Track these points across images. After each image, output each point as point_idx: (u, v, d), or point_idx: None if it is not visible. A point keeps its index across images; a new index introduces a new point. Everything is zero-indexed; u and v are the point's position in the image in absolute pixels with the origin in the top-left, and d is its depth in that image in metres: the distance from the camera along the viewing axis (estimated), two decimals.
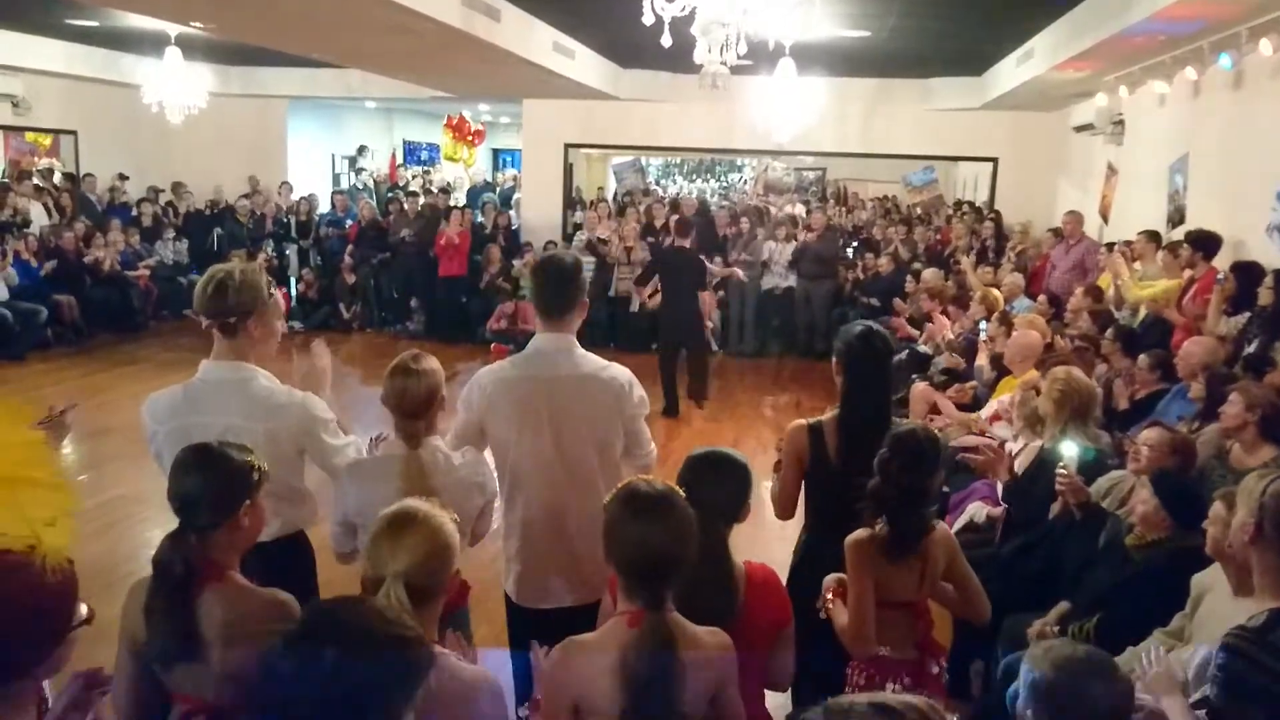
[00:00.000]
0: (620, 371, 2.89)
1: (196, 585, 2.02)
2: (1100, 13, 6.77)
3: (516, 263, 11.97)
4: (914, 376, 7.26)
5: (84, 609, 1.62)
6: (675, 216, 10.28)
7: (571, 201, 13.97)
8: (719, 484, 2.34)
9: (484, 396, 2.85)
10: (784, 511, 3.03)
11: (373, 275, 12.44)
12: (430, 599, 1.95)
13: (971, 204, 13.23)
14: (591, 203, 14.07)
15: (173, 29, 9.14)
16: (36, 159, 14.62)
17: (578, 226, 12.88)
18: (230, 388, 2.66)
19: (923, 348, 7.90)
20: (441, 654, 1.93)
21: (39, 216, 12.10)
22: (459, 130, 18.60)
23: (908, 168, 14.87)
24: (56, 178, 14.03)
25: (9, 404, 1.72)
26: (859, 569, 2.54)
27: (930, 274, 9.40)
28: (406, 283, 12.23)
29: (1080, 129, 10.59)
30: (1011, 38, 8.84)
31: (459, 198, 16.15)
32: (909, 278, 10.11)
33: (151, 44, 10.11)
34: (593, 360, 2.88)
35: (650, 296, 9.30)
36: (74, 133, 13.87)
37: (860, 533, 2.58)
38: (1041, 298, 7.61)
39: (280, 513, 2.68)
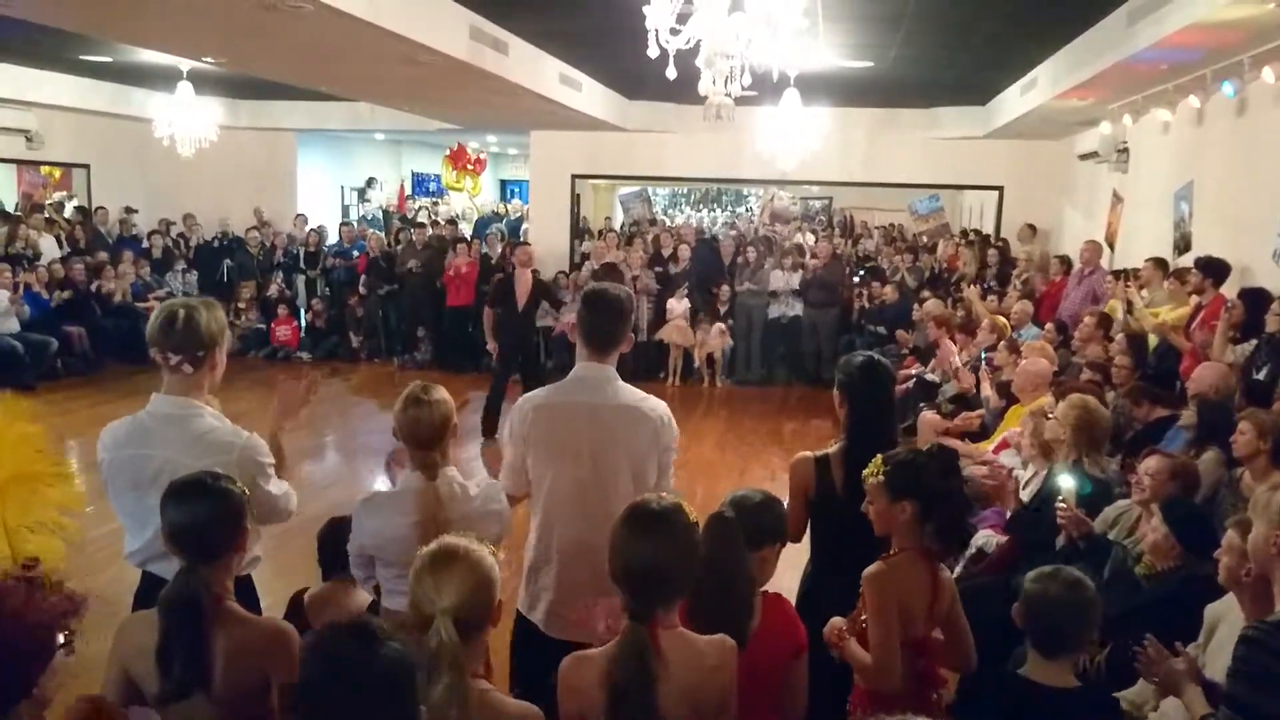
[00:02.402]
0: (658, 404, 2.90)
1: (206, 619, 2.02)
2: (1102, 42, 6.82)
3: None
4: (921, 405, 7.25)
5: (61, 637, 1.63)
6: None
7: (579, 231, 14.03)
8: (753, 522, 2.36)
9: (524, 423, 2.85)
10: (792, 537, 3.02)
11: (380, 305, 12.49)
12: (477, 633, 1.96)
13: (978, 232, 13.25)
14: (599, 232, 14.13)
15: (184, 64, 9.24)
16: (49, 192, 14.76)
17: (585, 256, 12.92)
18: (174, 423, 2.61)
19: (930, 376, 7.89)
20: (487, 690, 1.95)
21: (50, 249, 12.20)
22: (457, 159, 18.70)
23: (913, 196, 14.92)
24: (68, 211, 14.16)
25: (11, 400, 1.75)
26: (882, 601, 2.49)
27: (933, 303, 9.40)
28: (414, 313, 12.27)
29: (1085, 157, 10.62)
30: (1015, 67, 8.90)
31: (466, 229, 16.23)
32: (916, 305, 10.11)
33: (163, 78, 10.24)
34: (632, 391, 2.89)
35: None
36: (86, 166, 14.02)
37: (877, 566, 2.54)
38: (1049, 325, 7.59)
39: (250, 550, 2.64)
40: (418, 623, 1.91)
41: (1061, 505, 3.49)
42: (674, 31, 3.67)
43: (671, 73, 3.73)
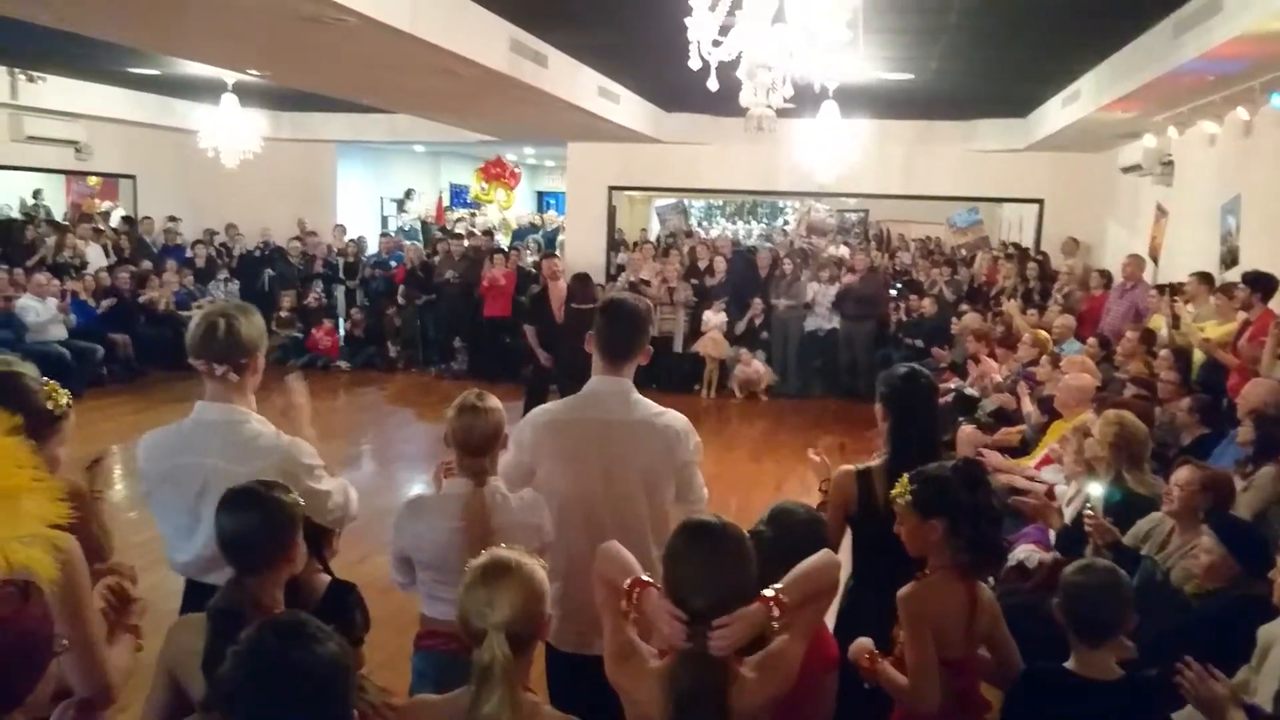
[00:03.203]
0: (675, 418, 2.86)
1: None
2: (1148, 53, 6.73)
3: None
4: (960, 419, 7.17)
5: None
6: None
7: (614, 243, 14.07)
8: (793, 537, 2.33)
9: (536, 436, 2.84)
10: None
11: (418, 315, 12.60)
12: (528, 646, 1.96)
13: (1017, 245, 13.12)
14: (635, 244, 14.16)
15: (229, 76, 9.41)
16: (97, 202, 15.07)
17: (621, 268, 12.95)
18: (219, 430, 2.60)
19: (970, 390, 7.80)
20: (536, 702, 1.95)
21: (97, 258, 12.44)
22: (491, 171, 18.73)
23: (950, 209, 14.81)
24: (114, 220, 14.44)
25: None
26: (918, 622, 2.45)
27: (971, 317, 9.31)
28: (451, 323, 12.35)
29: (1128, 170, 10.49)
30: (1057, 79, 8.81)
31: (503, 240, 16.34)
32: (954, 319, 10.02)
33: (208, 90, 10.41)
34: (648, 405, 2.85)
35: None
36: (132, 177, 14.30)
37: (911, 587, 2.50)
38: (1091, 340, 7.49)
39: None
40: (468, 637, 1.91)
41: (1089, 513, 3.44)
42: (716, 43, 3.68)
43: (713, 84, 3.72)
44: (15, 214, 14.60)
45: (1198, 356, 6.21)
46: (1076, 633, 2.45)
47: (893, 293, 12.21)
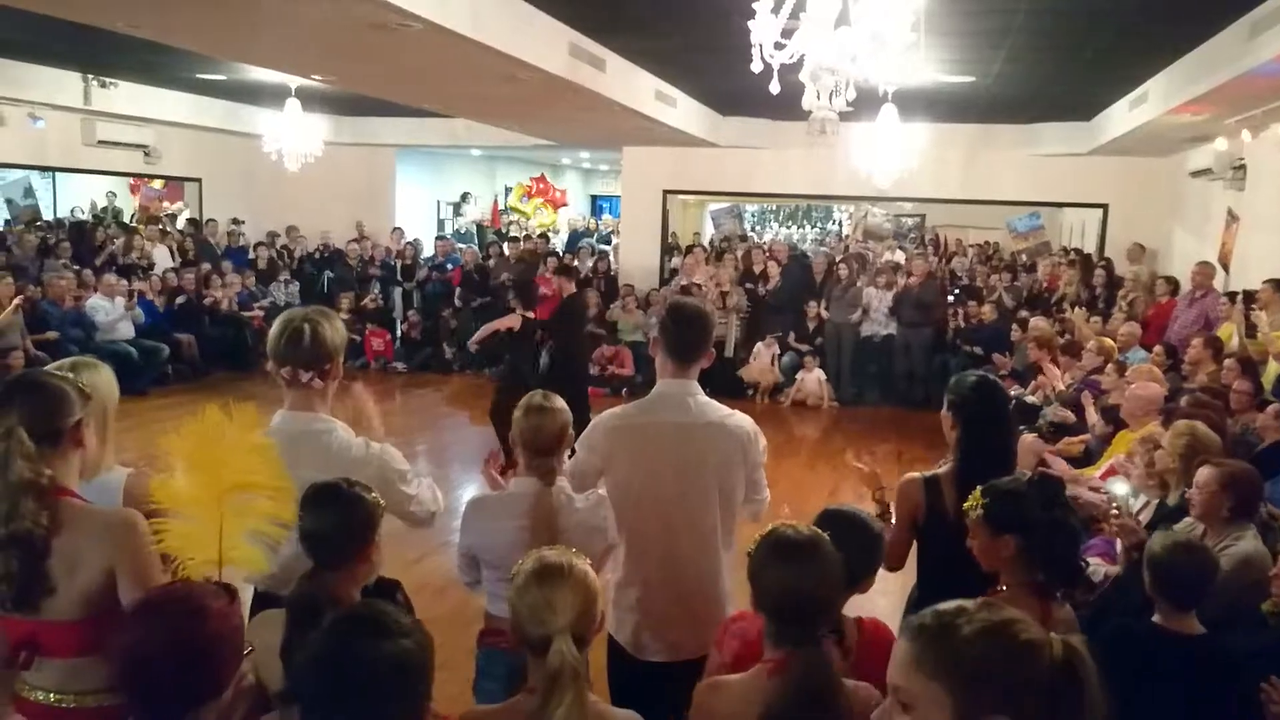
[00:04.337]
0: (744, 420, 2.87)
1: None
2: (1221, 55, 6.56)
3: (614, 307, 12.09)
4: (1021, 428, 7.04)
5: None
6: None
7: (668, 247, 14.08)
8: (845, 544, 2.30)
9: (608, 439, 2.83)
10: (895, 564, 2.94)
11: (474, 318, 12.70)
12: (586, 647, 1.96)
13: (1079, 251, 12.86)
14: (688, 248, 14.15)
15: (293, 81, 9.58)
16: (165, 204, 15.46)
17: (674, 272, 12.95)
18: (308, 440, 2.57)
19: (1030, 398, 7.66)
20: (594, 700, 1.94)
21: (163, 259, 12.76)
22: (541, 188, 18.80)
23: (1008, 213, 14.57)
24: (180, 222, 14.81)
25: (244, 409, 1.86)
26: None
27: (1039, 323, 9.14)
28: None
29: (1197, 174, 10.22)
30: (1124, 81, 8.63)
31: (558, 243, 16.44)
32: (1014, 326, 9.85)
33: (272, 96, 10.62)
34: (717, 407, 2.85)
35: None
36: (198, 180, 14.65)
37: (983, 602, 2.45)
38: (1158, 348, 7.31)
39: None
40: (522, 642, 1.91)
41: (1114, 512, 3.36)
42: (778, 46, 3.66)
43: (775, 87, 3.69)
44: (86, 216, 15.06)
45: (1273, 367, 6.02)
46: (1168, 598, 2.67)
47: (950, 299, 12.04)
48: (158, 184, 15.90)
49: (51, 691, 2.05)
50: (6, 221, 13.92)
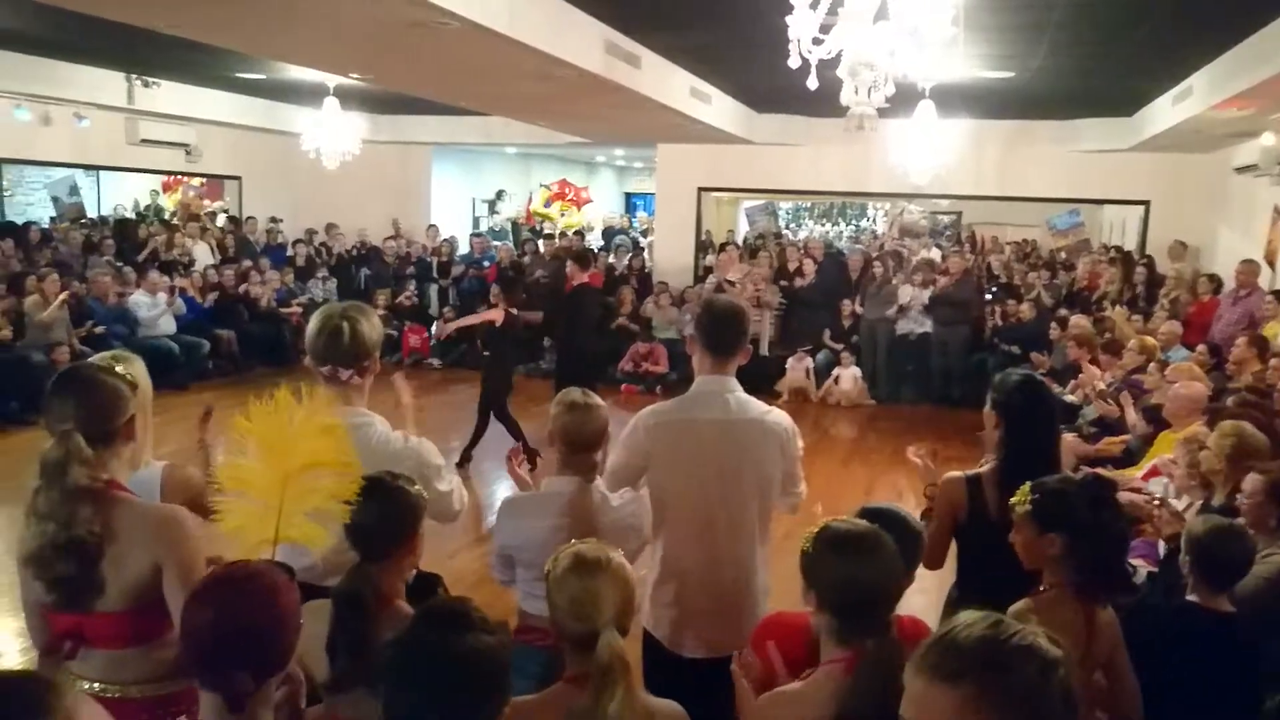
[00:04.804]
0: (782, 416, 2.87)
1: (372, 617, 2.08)
2: (1267, 49, 6.43)
3: (648, 303, 12.09)
4: (1061, 427, 6.96)
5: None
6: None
7: (702, 244, 14.06)
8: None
9: (648, 438, 2.83)
10: (934, 562, 2.93)
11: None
12: (624, 637, 1.97)
13: (1119, 248, 12.68)
14: (722, 245, 14.12)
15: (331, 80, 9.68)
16: (205, 201, 15.68)
17: (708, 269, 12.93)
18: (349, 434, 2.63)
19: (1070, 397, 7.57)
20: (644, 694, 1.97)
21: (204, 256, 12.94)
22: (561, 191, 18.76)
23: (1046, 211, 14.39)
24: (220, 220, 15.02)
25: (315, 392, 1.91)
26: None
27: (1079, 321, 9.02)
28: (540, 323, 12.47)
29: (1242, 170, 10.04)
30: (1167, 76, 8.49)
31: (593, 240, 16.47)
32: (1053, 324, 9.73)
33: (311, 94, 10.73)
34: (755, 404, 2.86)
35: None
36: (238, 178, 14.84)
37: (1024, 603, 2.39)
38: (1201, 347, 7.20)
39: None
40: (563, 637, 1.93)
41: (1155, 501, 3.31)
42: (816, 42, 3.64)
43: (813, 83, 3.69)
44: (129, 214, 15.31)
45: None
46: (1207, 579, 2.70)
47: (988, 297, 11.92)
48: (195, 182, 16.12)
49: (97, 681, 2.09)
50: (52, 219, 14.18)
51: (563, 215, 18.79)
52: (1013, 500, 2.50)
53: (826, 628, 2.00)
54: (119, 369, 2.39)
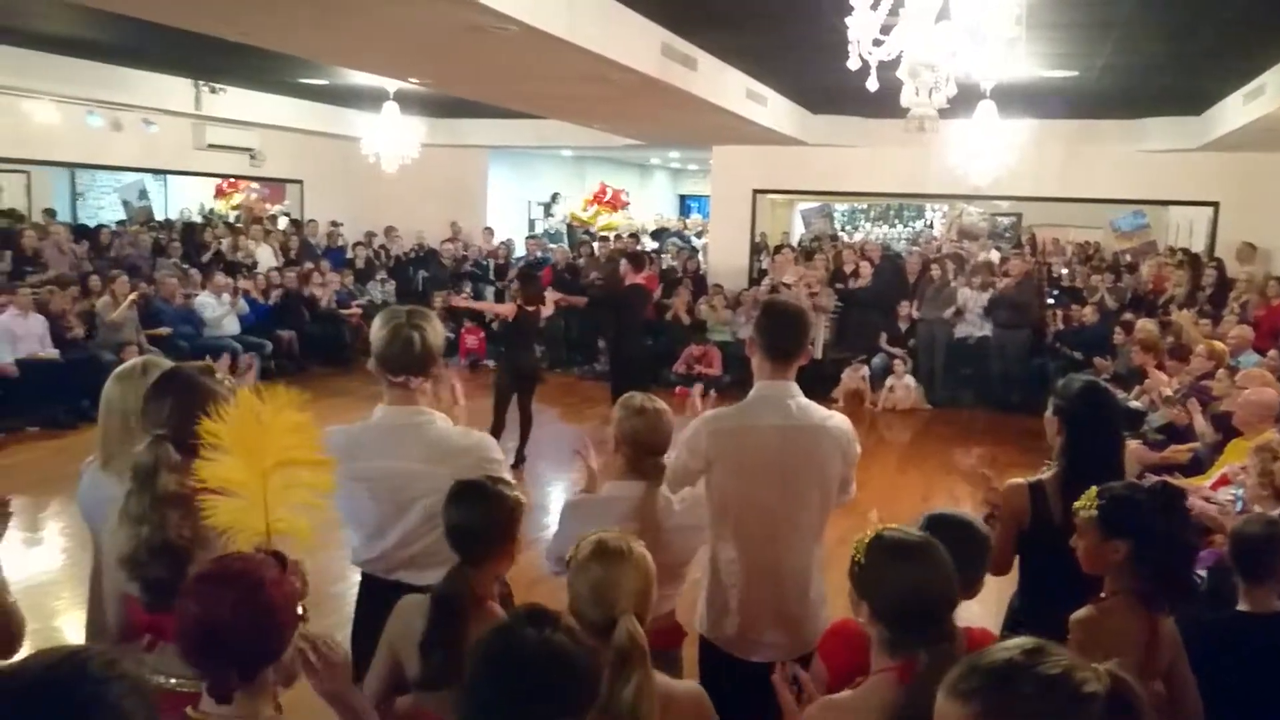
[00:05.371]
0: (842, 420, 2.86)
1: (467, 617, 2.11)
2: None
3: (702, 305, 12.08)
4: (1125, 434, 6.80)
5: (300, 608, 1.81)
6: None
7: (757, 247, 14.01)
8: (952, 549, 2.25)
9: (710, 442, 2.81)
10: (999, 569, 2.88)
11: (563, 317, 12.83)
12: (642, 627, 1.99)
13: (1186, 251, 12.37)
14: (777, 247, 14.06)
15: (391, 85, 9.82)
16: (267, 205, 16.01)
17: (763, 272, 12.88)
18: (410, 433, 2.65)
19: (1135, 403, 7.39)
20: (663, 679, 1.97)
21: (267, 258, 13.22)
22: (599, 196, 18.66)
23: (1110, 212, 14.09)
24: (282, 223, 15.33)
25: (282, 391, 1.97)
26: (1089, 650, 2.29)
27: (1146, 325, 8.81)
28: (594, 324, 12.54)
29: None
30: (1238, 74, 8.26)
31: (648, 243, 16.49)
32: (1117, 329, 9.52)
33: (371, 99, 10.91)
34: (817, 409, 2.84)
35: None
36: (300, 181, 15.13)
37: (1086, 610, 2.35)
38: (1272, 353, 6.99)
39: (453, 557, 2.72)
40: (590, 623, 1.92)
41: (1228, 499, 3.22)
42: (876, 43, 3.61)
43: (873, 84, 3.65)
44: (195, 217, 15.69)
45: None
46: (1243, 572, 2.70)
47: (1049, 300, 11.69)
48: (254, 185, 16.47)
49: (173, 677, 2.13)
50: (120, 222, 14.58)
51: (601, 219, 18.66)
52: (1076, 505, 2.45)
53: (879, 638, 1.97)
54: (147, 374, 2.46)
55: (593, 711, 1.64)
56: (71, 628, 4.89)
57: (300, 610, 1.82)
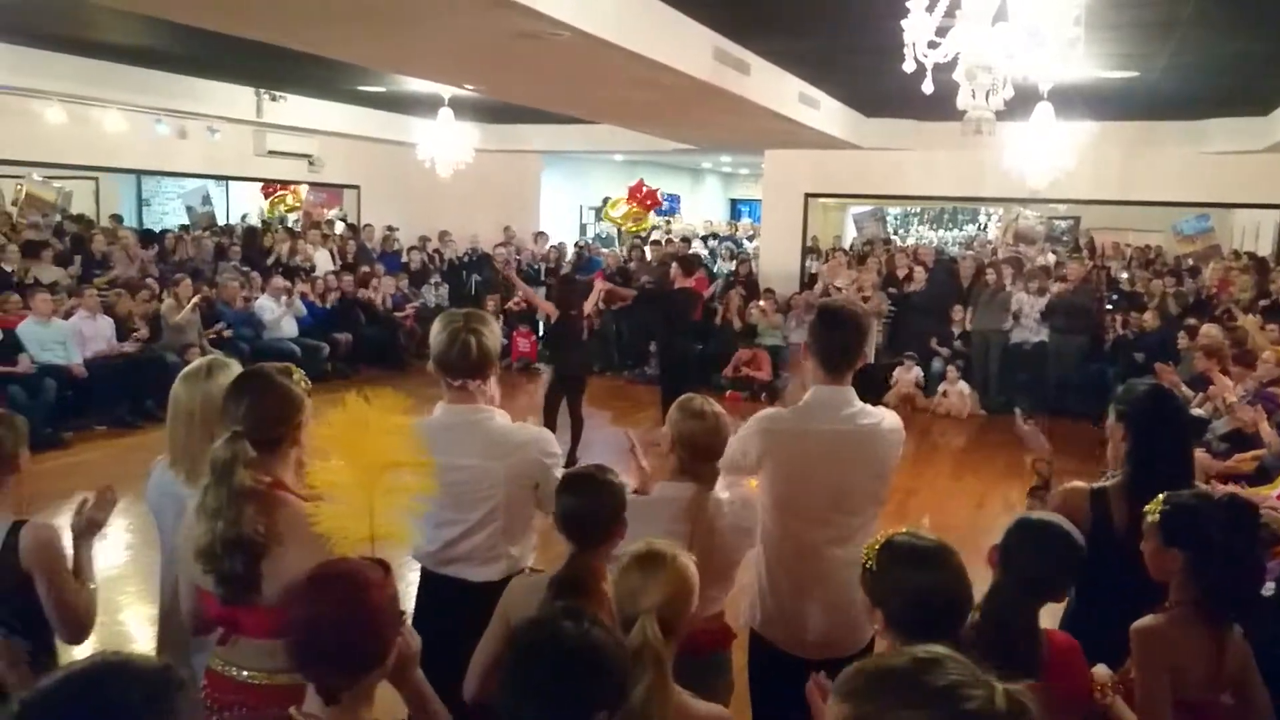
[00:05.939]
0: (894, 420, 2.86)
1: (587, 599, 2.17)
2: None
3: (753, 309, 12.05)
4: (1192, 440, 6.65)
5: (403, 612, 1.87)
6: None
7: (808, 251, 13.94)
8: (1045, 555, 2.21)
9: (763, 442, 2.83)
10: None
11: (614, 320, 12.89)
12: (673, 637, 1.99)
13: (1251, 254, 12.05)
14: (829, 251, 13.97)
15: (446, 91, 9.95)
16: (325, 210, 16.31)
17: (814, 276, 12.81)
18: (471, 429, 2.72)
19: (1198, 410, 7.23)
20: (679, 691, 1.97)
21: (324, 262, 13.47)
22: (636, 194, 18.46)
23: (1171, 215, 13.79)
24: (338, 227, 15.60)
25: (382, 394, 2.03)
26: (1152, 661, 2.27)
27: (1210, 330, 8.60)
28: (645, 327, 12.57)
29: None
30: None
31: (699, 247, 16.49)
32: (1179, 334, 9.31)
33: (426, 106, 11.05)
34: (871, 412, 2.83)
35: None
36: (357, 187, 15.39)
37: (1151, 619, 2.31)
38: None
39: (508, 554, 2.76)
40: (624, 624, 1.95)
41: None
42: (932, 45, 3.58)
43: (928, 87, 3.63)
44: (255, 222, 16.04)
45: None
46: None
47: (1107, 305, 11.46)
48: (303, 189, 16.76)
49: (245, 669, 2.19)
50: (184, 226, 14.96)
51: (629, 220, 18.34)
52: (1146, 509, 2.41)
53: (891, 643, 1.97)
54: (213, 376, 2.57)
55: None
56: (136, 622, 5.03)
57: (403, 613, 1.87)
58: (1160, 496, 2.38)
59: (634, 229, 17.75)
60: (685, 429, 2.73)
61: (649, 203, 18.04)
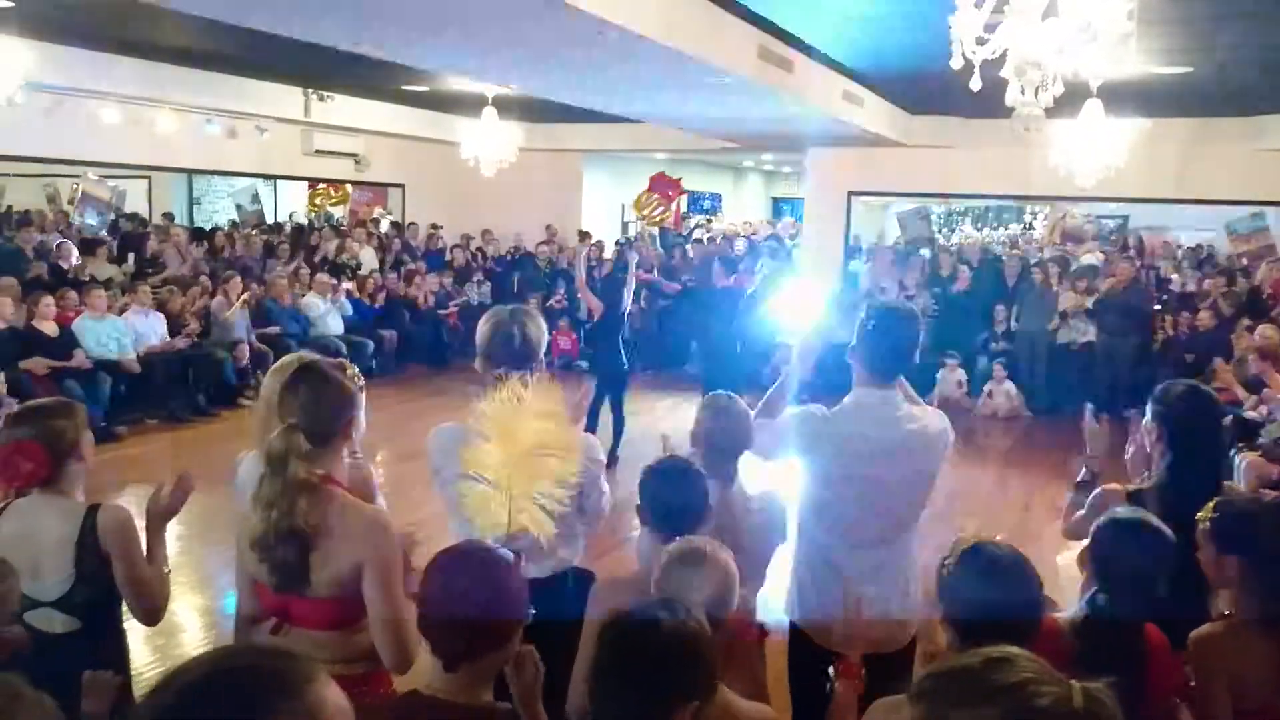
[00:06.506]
0: (941, 419, 2.84)
1: None
2: None
3: None
4: (1240, 445, 6.53)
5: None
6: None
7: (850, 249, 13.84)
8: (1142, 553, 2.19)
9: (806, 441, 2.80)
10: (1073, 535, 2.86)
11: (656, 318, 12.90)
12: (717, 630, 1.99)
13: None
14: (871, 250, 13.87)
15: (490, 91, 10.03)
16: (371, 208, 16.53)
17: (854, 275, 12.73)
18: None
19: (1251, 413, 7.08)
20: (725, 690, 1.97)
21: (369, 260, 13.64)
22: (659, 187, 18.11)
23: (1224, 214, 13.49)
24: (384, 225, 15.80)
25: (540, 382, 2.10)
26: (1208, 667, 2.25)
27: (1267, 331, 8.41)
28: (686, 326, 12.57)
29: None
30: None
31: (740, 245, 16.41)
32: (1232, 335, 9.12)
33: (470, 105, 11.14)
34: (917, 415, 2.80)
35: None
36: (401, 186, 15.56)
37: (1208, 628, 2.28)
38: None
39: (558, 551, 2.74)
40: None
41: None
42: (980, 41, 3.55)
43: (976, 84, 3.60)
44: (302, 220, 16.29)
45: None
46: None
47: (1157, 306, 11.26)
48: (349, 188, 16.97)
49: None
50: (233, 224, 15.23)
51: (655, 212, 17.86)
52: (1199, 515, 2.38)
53: (949, 642, 2.00)
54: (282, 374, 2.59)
55: None
56: (186, 612, 5.14)
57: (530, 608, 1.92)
58: (1211, 503, 2.34)
59: (652, 221, 17.44)
60: (707, 427, 2.74)
61: (670, 192, 17.75)
